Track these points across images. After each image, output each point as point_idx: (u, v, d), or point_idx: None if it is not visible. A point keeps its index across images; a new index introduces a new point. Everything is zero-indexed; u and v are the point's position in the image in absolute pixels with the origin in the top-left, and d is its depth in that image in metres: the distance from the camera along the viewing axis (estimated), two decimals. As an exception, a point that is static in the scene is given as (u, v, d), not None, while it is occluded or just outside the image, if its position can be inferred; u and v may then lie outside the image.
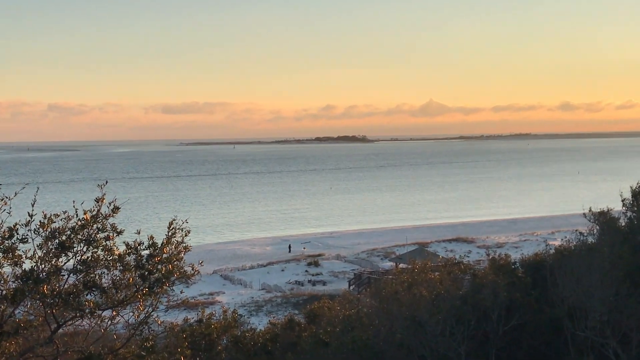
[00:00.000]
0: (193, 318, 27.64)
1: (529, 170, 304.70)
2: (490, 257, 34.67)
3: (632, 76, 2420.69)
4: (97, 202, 13.52)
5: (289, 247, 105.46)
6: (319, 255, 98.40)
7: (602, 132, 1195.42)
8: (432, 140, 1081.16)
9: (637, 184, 36.84)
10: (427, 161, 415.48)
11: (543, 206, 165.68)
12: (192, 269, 14.25)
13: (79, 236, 13.36)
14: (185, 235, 14.14)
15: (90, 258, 13.37)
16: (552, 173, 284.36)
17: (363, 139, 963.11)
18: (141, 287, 13.72)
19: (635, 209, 35.87)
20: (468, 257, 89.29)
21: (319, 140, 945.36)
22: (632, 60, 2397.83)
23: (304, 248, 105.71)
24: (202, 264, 14.63)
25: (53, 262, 13.30)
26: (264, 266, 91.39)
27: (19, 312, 13.63)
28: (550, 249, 36.38)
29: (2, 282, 13.10)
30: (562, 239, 40.09)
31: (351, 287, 72.72)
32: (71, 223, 13.37)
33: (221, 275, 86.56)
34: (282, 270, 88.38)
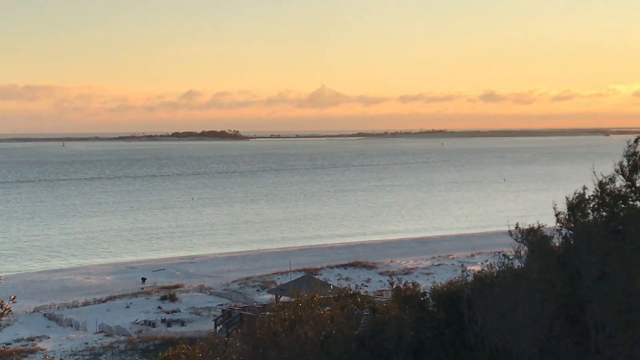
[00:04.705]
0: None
1: (443, 177, 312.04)
2: (395, 286, 35.25)
3: (570, 60, 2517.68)
4: None
5: (143, 280, 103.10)
6: (176, 286, 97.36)
7: (534, 130, 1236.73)
8: (324, 138, 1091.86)
9: (575, 194, 38.30)
10: (316, 164, 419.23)
11: (460, 222, 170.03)
12: (1, 307, 13.82)
13: None
14: (-8, 262, 13.71)
15: None
16: (471, 180, 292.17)
17: (235, 135, 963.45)
18: None
19: (572, 225, 37.23)
20: (367, 286, 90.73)
21: (177, 136, 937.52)
22: (571, 40, 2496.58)
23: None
24: (14, 300, 14.18)
25: None
26: (103, 302, 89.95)
27: None
28: (468, 275, 37.37)
29: None
30: (482, 263, 41.30)
31: (218, 328, 72.47)
32: None
33: (45, 315, 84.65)
34: (127, 307, 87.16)
